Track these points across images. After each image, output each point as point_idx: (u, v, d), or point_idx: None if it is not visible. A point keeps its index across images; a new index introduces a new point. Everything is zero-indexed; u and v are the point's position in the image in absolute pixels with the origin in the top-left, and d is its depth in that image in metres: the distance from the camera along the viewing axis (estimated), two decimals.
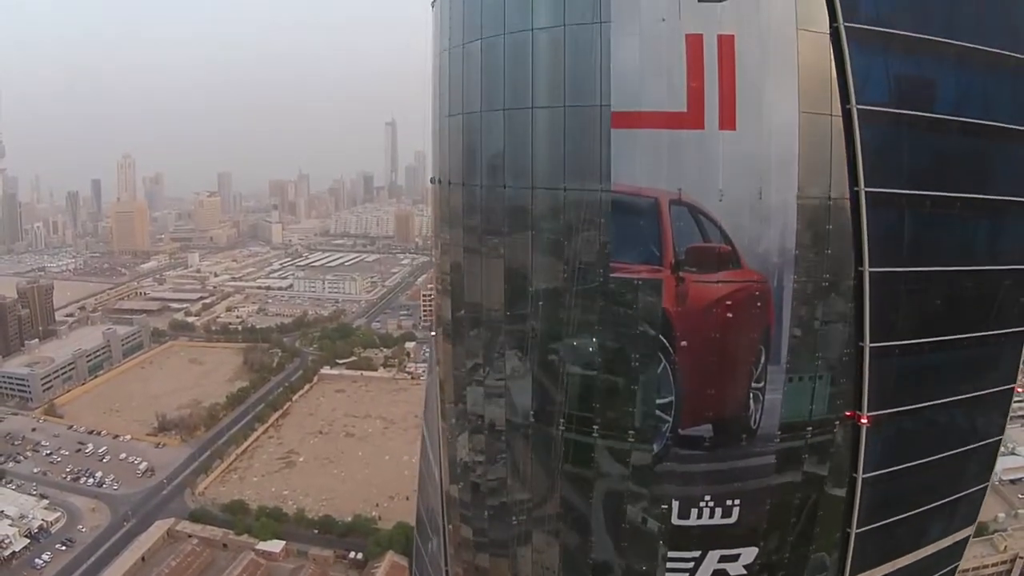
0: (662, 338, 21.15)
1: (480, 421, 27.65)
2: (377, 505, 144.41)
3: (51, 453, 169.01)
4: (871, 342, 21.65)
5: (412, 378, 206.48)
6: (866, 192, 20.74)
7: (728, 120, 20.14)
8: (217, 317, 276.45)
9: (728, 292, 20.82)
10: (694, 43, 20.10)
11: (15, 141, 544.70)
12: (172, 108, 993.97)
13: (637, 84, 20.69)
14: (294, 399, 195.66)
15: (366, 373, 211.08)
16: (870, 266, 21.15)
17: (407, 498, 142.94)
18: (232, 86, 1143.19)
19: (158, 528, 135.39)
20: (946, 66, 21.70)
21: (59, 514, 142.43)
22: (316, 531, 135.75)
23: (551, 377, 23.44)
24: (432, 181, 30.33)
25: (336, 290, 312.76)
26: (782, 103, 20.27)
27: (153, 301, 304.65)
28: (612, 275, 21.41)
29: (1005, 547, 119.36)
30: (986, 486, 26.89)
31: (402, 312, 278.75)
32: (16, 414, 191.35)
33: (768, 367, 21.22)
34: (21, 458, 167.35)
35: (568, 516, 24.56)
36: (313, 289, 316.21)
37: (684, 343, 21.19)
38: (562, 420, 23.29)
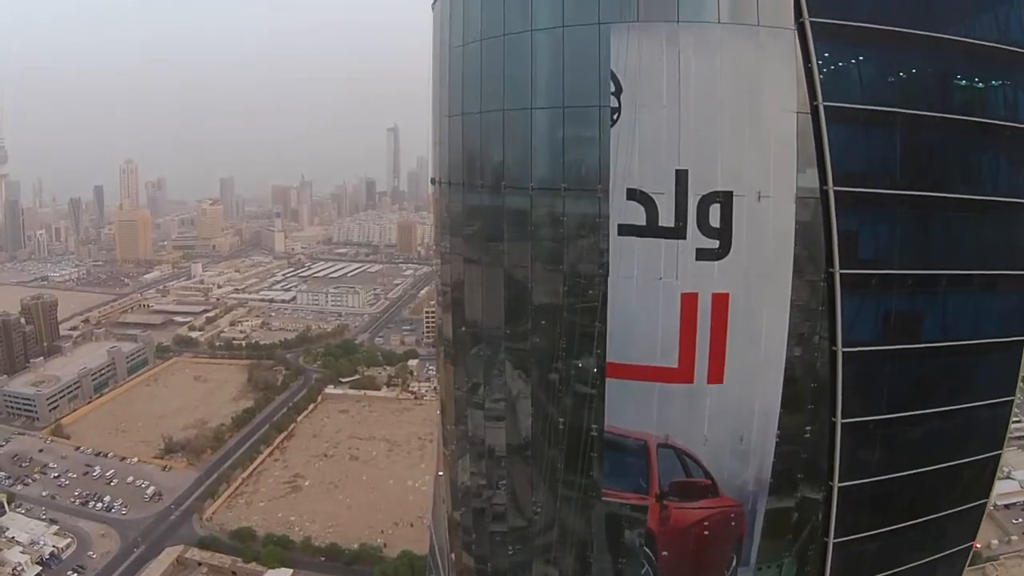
0: (647, 549, 23.62)
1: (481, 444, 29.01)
2: (383, 532, 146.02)
3: (59, 476, 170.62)
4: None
5: (415, 398, 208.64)
6: (843, 423, 22.76)
7: (716, 375, 21.88)
8: (221, 332, 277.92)
9: (706, 516, 23.19)
10: (689, 302, 21.70)
11: (17, 146, 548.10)
12: (174, 112, 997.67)
13: (632, 340, 22.44)
14: (299, 420, 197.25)
15: (369, 393, 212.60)
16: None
17: (411, 525, 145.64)
18: (234, 90, 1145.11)
19: (168, 555, 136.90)
20: None
21: (69, 540, 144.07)
22: (323, 559, 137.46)
23: None
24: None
25: (339, 303, 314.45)
26: (770, 357, 21.94)
27: (157, 314, 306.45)
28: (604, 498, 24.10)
29: None
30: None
31: (405, 327, 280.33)
32: (23, 434, 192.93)
33: (739, 568, 23.65)
34: (29, 481, 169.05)
35: None
36: (316, 302, 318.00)
37: (665, 553, 23.71)
38: None
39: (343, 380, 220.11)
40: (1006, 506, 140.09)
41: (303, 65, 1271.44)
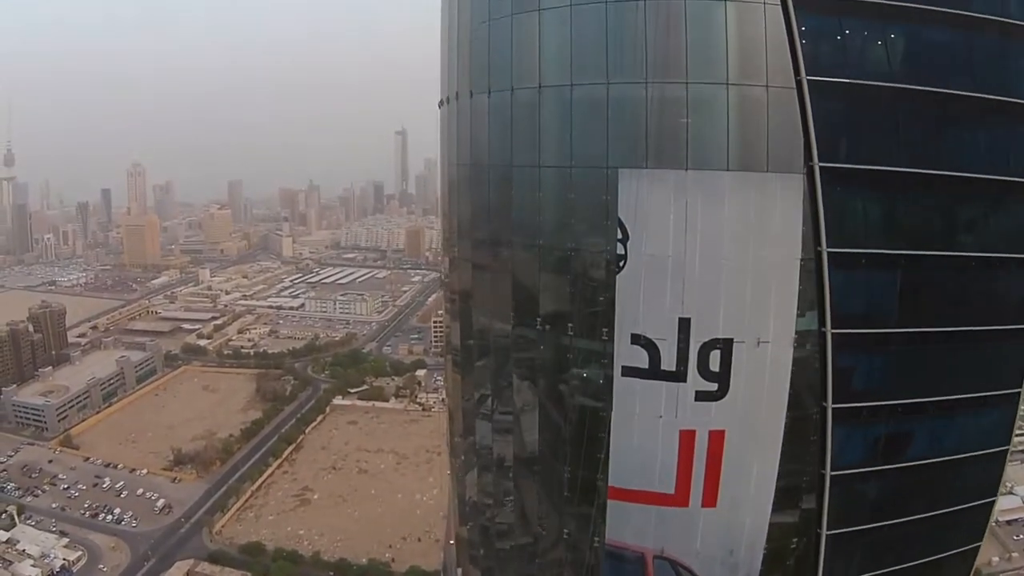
0: None
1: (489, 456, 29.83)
2: (391, 547, 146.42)
3: (69, 487, 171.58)
4: None
5: (423, 409, 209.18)
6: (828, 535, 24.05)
7: (710, 500, 23.22)
8: (229, 340, 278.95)
9: None
10: (687, 437, 22.81)
11: (24, 148, 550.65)
12: (183, 116, 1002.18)
13: (632, 468, 23.72)
14: (307, 431, 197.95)
15: (378, 404, 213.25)
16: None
17: (419, 539, 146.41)
18: (242, 92, 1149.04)
19: (178, 569, 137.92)
20: None
21: (80, 553, 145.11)
22: (332, 573, 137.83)
23: None
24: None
25: (347, 311, 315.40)
26: (761, 485, 23.11)
27: (165, 321, 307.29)
28: None
29: None
30: None
31: (413, 336, 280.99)
32: (32, 444, 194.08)
33: None
34: (39, 492, 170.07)
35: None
36: (324, 309, 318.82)
37: None
38: None
39: (351, 391, 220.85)
40: (1008, 522, 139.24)
41: (312, 68, 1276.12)
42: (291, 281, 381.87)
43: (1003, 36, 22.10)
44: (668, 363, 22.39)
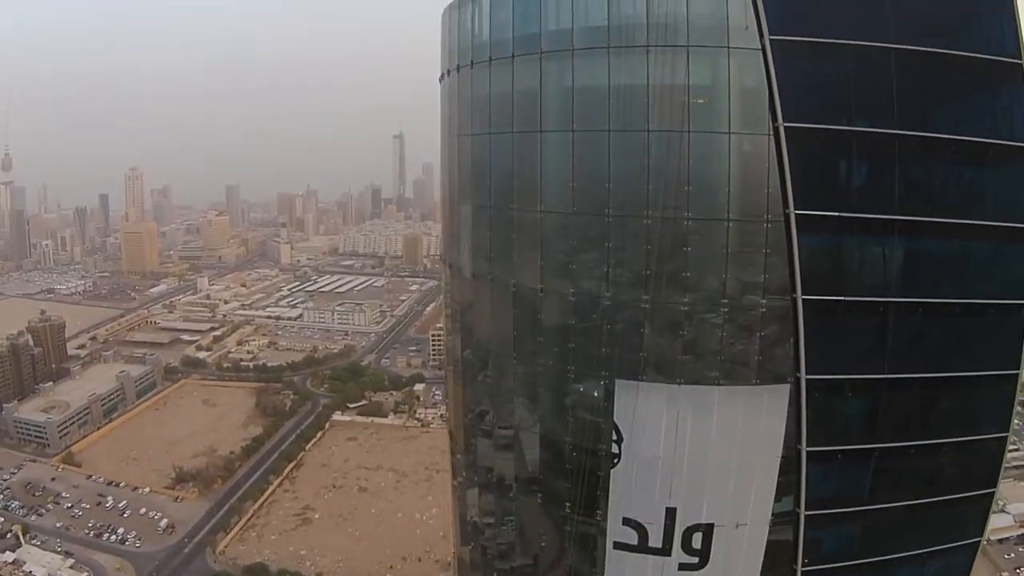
0: None
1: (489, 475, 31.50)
2: (392, 568, 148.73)
3: (72, 506, 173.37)
4: None
5: (422, 424, 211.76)
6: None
7: None
8: (228, 352, 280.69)
9: None
10: None
11: (21, 151, 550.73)
12: (179, 119, 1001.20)
13: None
14: (307, 448, 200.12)
15: (376, 420, 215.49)
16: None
17: (419, 560, 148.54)
18: (240, 96, 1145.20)
19: None
20: None
21: (86, 573, 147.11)
22: None
23: None
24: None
25: (345, 321, 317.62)
26: None
27: (164, 332, 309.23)
28: None
29: None
30: None
31: (411, 348, 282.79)
32: (34, 461, 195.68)
33: None
34: (43, 511, 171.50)
35: None
36: (323, 320, 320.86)
37: None
38: None
39: (350, 406, 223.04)
40: (999, 541, 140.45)
41: (309, 73, 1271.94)
42: (289, 290, 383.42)
43: None
44: (655, 541, 24.86)
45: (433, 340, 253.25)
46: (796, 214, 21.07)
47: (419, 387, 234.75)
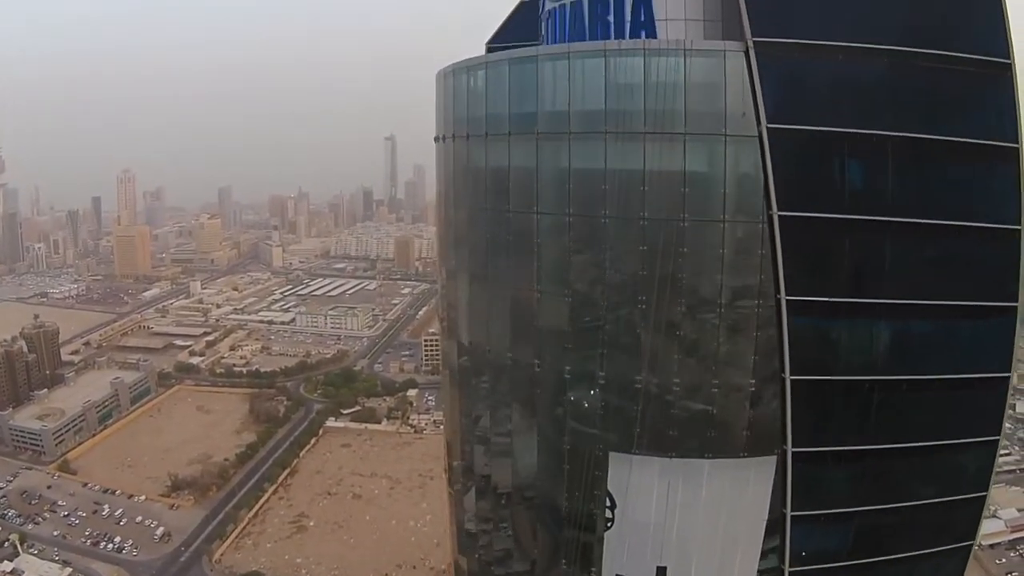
0: None
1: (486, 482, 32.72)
2: (386, 575, 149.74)
3: (68, 514, 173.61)
4: None
5: (415, 431, 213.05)
6: None
7: None
8: (222, 358, 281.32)
9: None
10: None
11: (14, 153, 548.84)
12: (172, 120, 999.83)
13: None
14: (301, 455, 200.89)
15: (370, 426, 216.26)
16: None
17: (414, 567, 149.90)
18: (232, 98, 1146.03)
19: None
20: None
21: None
22: None
23: None
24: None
25: (338, 326, 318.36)
26: None
27: (157, 337, 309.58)
28: None
29: None
30: None
31: (404, 353, 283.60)
32: (30, 468, 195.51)
33: None
34: (40, 519, 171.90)
35: None
36: (315, 324, 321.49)
37: None
38: None
39: (344, 412, 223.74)
40: (991, 546, 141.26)
41: (301, 74, 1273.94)
42: (282, 293, 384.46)
43: None
44: None
45: (426, 345, 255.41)
46: (787, 300, 22.82)
47: (412, 392, 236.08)
